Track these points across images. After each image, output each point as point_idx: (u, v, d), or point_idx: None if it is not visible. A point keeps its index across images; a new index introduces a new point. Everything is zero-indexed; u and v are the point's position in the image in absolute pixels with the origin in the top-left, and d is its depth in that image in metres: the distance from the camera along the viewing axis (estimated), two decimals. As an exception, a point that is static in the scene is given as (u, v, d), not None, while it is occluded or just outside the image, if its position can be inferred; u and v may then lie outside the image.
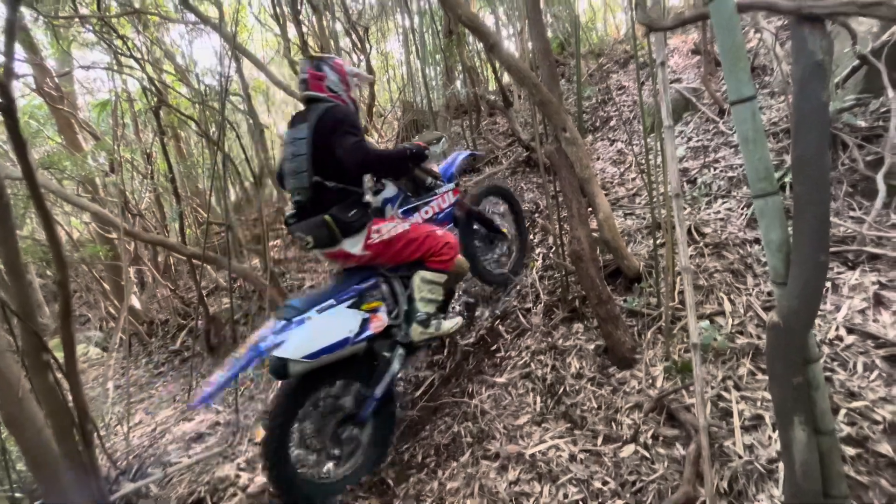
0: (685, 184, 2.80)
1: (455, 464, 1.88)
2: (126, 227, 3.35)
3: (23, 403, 1.47)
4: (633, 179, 3.16)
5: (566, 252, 2.41)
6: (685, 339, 1.94)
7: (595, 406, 1.88)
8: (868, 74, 2.51)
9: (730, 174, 2.72)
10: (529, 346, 2.32)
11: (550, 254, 2.86)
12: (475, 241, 2.66)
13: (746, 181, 1.84)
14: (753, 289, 2.04)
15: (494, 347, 2.44)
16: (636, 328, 2.12)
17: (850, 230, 2.05)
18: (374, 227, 1.98)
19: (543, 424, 1.91)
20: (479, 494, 1.68)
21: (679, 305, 2.07)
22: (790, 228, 1.01)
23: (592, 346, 2.13)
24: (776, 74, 3.19)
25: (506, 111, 4.47)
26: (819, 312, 1.81)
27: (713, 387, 1.72)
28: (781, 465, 1.38)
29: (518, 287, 2.78)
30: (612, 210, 2.78)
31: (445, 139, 2.69)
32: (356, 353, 1.91)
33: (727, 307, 1.99)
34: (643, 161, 2.57)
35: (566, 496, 1.56)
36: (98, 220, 4.06)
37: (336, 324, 1.82)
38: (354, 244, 1.93)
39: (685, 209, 2.54)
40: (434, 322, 2.07)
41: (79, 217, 6.32)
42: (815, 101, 0.94)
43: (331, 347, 1.76)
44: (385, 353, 2.04)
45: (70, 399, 1.51)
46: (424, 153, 2.14)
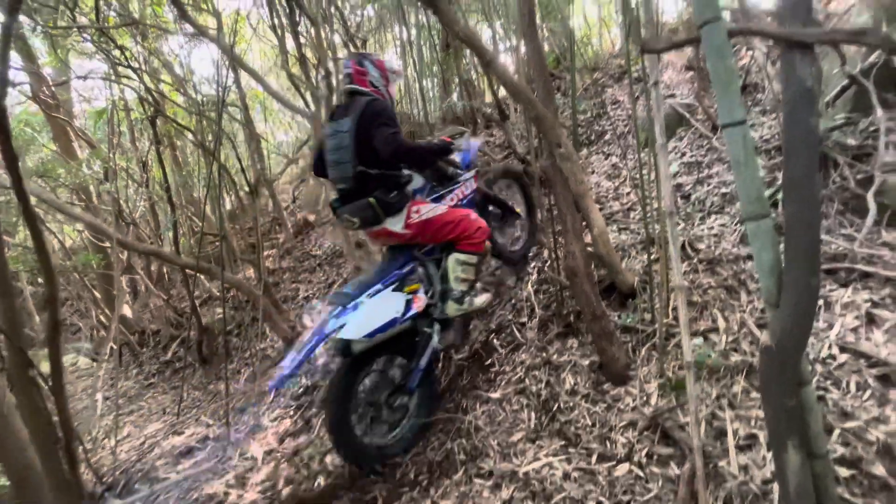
0: (679, 199, 2.82)
1: (448, 482, 1.85)
2: (119, 238, 3.32)
3: (7, 419, 1.44)
4: (628, 194, 3.18)
5: (561, 267, 2.42)
6: (679, 357, 1.94)
7: (589, 423, 1.87)
8: (857, 94, 2.55)
9: (723, 190, 2.74)
10: (524, 361, 2.31)
11: (546, 267, 2.86)
12: (490, 222, 2.71)
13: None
14: (747, 305, 2.04)
15: (489, 362, 2.42)
16: (630, 344, 2.12)
17: (842, 248, 2.06)
18: (414, 208, 2.17)
19: (537, 442, 1.89)
20: (472, 514, 1.66)
21: (673, 322, 2.07)
22: (782, 250, 1.02)
23: (587, 362, 2.12)
24: (767, 93, 3.24)
25: (502, 124, 4.50)
26: (812, 330, 1.81)
27: (707, 405, 1.71)
28: (776, 487, 1.37)
29: (513, 300, 2.77)
30: (607, 225, 2.79)
31: (468, 134, 2.92)
32: (402, 331, 2.12)
33: (721, 324, 1.99)
34: (637, 176, 2.60)
35: (560, 517, 1.54)
36: (91, 229, 4.04)
37: (385, 306, 2.03)
38: (396, 223, 2.12)
39: (679, 225, 2.55)
40: (467, 299, 2.26)
41: (72, 224, 6.28)
42: (805, 126, 0.95)
43: (384, 327, 1.98)
44: (425, 329, 2.23)
45: (56, 416, 1.48)
46: (450, 147, 2.34)
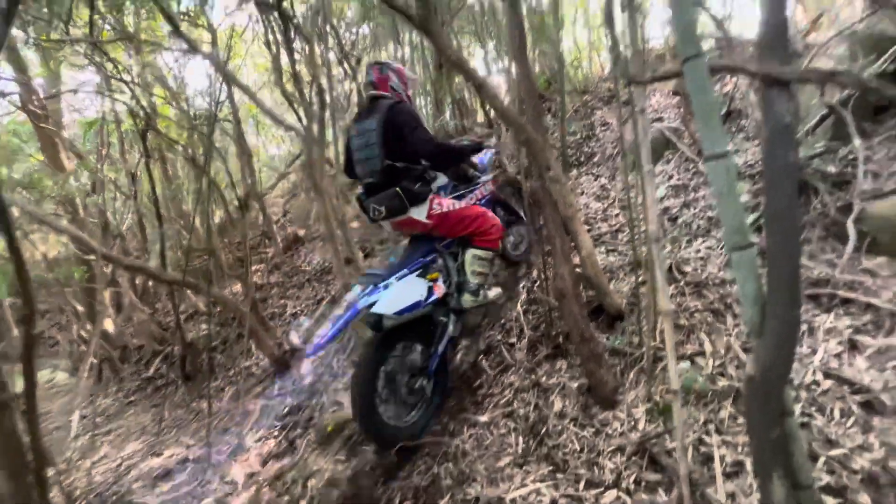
0: (667, 221, 2.86)
1: (434, 508, 1.81)
2: (103, 252, 3.27)
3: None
4: (616, 216, 3.22)
5: (550, 288, 2.42)
6: (667, 381, 1.94)
7: (577, 448, 1.85)
8: (836, 123, 2.63)
9: (709, 213, 2.79)
10: (513, 383, 2.30)
11: (535, 287, 2.87)
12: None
13: (724, 224, 1.90)
14: (733, 329, 2.06)
15: (477, 384, 2.40)
16: (619, 367, 2.12)
17: (824, 273, 2.10)
18: (436, 201, 2.36)
19: (525, 467, 1.86)
20: (458, 543, 1.62)
21: (661, 345, 2.07)
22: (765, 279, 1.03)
23: (576, 385, 2.11)
24: (751, 119, 3.33)
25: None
26: (796, 356, 1.83)
27: (694, 430, 1.71)
28: (763, 516, 1.37)
29: (503, 321, 2.77)
30: (595, 246, 2.81)
31: (495, 137, 3.26)
32: (424, 315, 2.28)
33: (708, 347, 2.01)
34: (625, 198, 2.65)
35: (547, 546, 1.51)
36: (75, 242, 3.97)
37: (411, 288, 2.21)
38: (420, 212, 2.30)
39: (666, 247, 2.58)
40: (482, 292, 2.43)
41: (57, 236, 6.17)
42: (784, 161, 0.98)
43: (410, 307, 2.16)
44: (442, 318, 2.41)
45: (27, 438, 1.42)
46: (482, 146, 2.65)
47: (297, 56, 4.83)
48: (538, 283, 2.75)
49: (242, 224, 4.48)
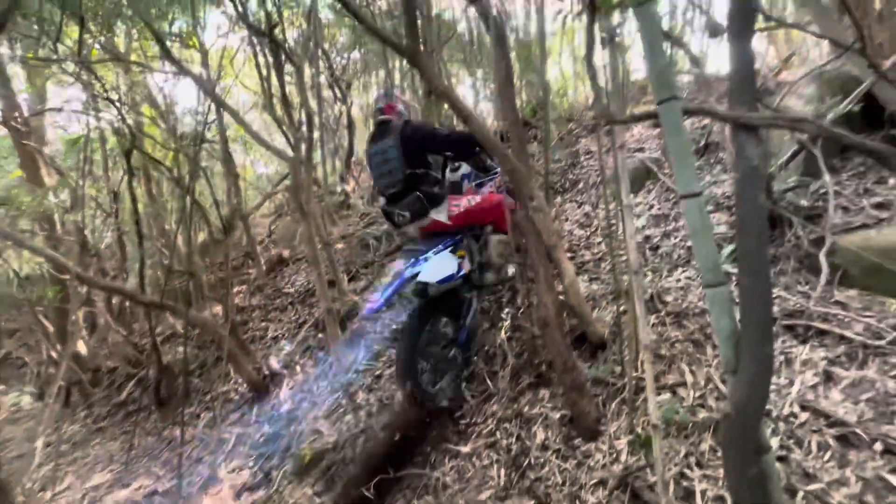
0: (648, 251, 2.91)
1: (412, 546, 1.76)
2: (78, 272, 3.18)
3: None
4: (599, 243, 3.27)
5: (533, 316, 2.43)
6: (649, 412, 1.94)
7: (559, 482, 1.82)
8: (807, 158, 2.74)
9: (688, 243, 2.85)
10: (495, 413, 2.27)
11: (519, 314, 2.87)
12: None
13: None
14: (713, 360, 2.08)
15: (459, 413, 2.36)
16: (601, 397, 2.11)
17: (799, 305, 2.14)
18: (454, 202, 2.62)
19: (507, 500, 1.83)
20: (436, 584, 1.56)
21: (643, 376, 2.08)
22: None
23: (558, 416, 2.10)
24: (728, 152, 3.45)
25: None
26: (774, 387, 1.85)
27: (676, 464, 1.70)
28: (744, 554, 1.35)
29: (486, 348, 2.75)
30: (578, 274, 2.84)
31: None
32: (452, 291, 2.54)
33: (688, 378, 2.02)
34: (607, 228, 2.70)
35: (527, 587, 1.47)
36: (50, 261, 3.86)
37: (446, 262, 2.46)
38: (440, 213, 2.57)
39: (647, 276, 2.62)
40: (502, 270, 2.79)
41: (31, 253, 5.99)
42: (753, 203, 1.01)
43: (447, 278, 2.42)
44: (466, 295, 2.66)
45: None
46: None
47: (288, 78, 4.90)
48: (522, 311, 2.75)
49: (225, 244, 4.42)
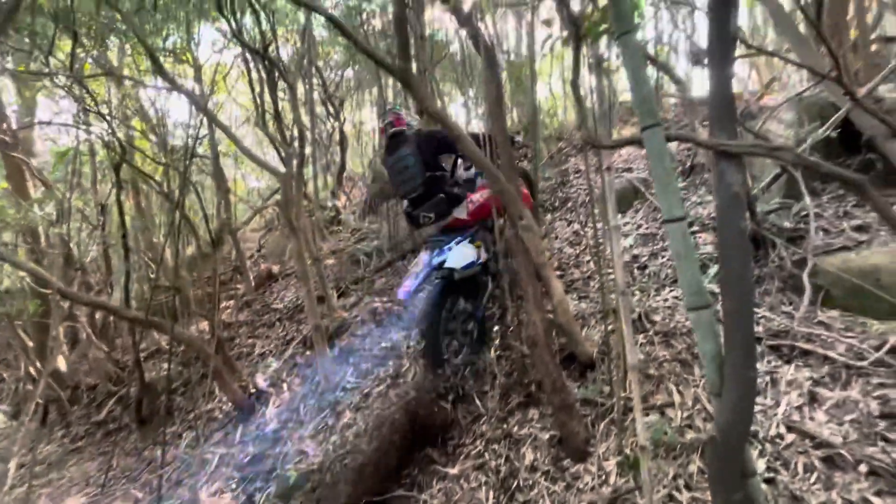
0: (636, 270, 2.94)
1: (398, 573, 1.71)
2: (60, 287, 3.12)
3: None
4: (588, 262, 3.29)
5: (522, 336, 2.43)
6: (637, 433, 1.93)
7: (548, 504, 1.80)
8: (789, 181, 2.82)
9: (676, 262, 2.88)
10: (484, 433, 2.24)
11: (509, 332, 2.87)
12: None
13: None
14: (700, 379, 2.09)
15: (448, 434, 2.33)
16: (590, 417, 2.10)
17: (783, 325, 2.17)
18: (469, 199, 2.90)
19: (495, 525, 1.79)
20: None
21: (631, 396, 2.07)
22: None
23: (547, 436, 2.08)
24: (713, 173, 3.53)
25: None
26: (761, 408, 1.86)
27: (665, 485, 1.69)
28: (733, 580, 1.34)
29: (476, 367, 2.73)
30: (567, 293, 2.86)
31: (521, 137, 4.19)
32: (473, 274, 2.78)
33: (676, 398, 2.02)
34: (595, 247, 2.74)
35: None
36: (32, 275, 3.79)
37: (467, 251, 2.74)
38: (461, 211, 2.86)
39: (635, 296, 2.64)
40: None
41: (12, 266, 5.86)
42: (735, 228, 1.04)
43: (470, 265, 2.71)
44: (483, 279, 2.89)
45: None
46: (513, 140, 3.17)
47: (281, 95, 4.94)
48: (511, 329, 2.75)
49: (213, 259, 4.37)
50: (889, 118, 2.57)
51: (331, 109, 6.69)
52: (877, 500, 1.44)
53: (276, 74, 4.14)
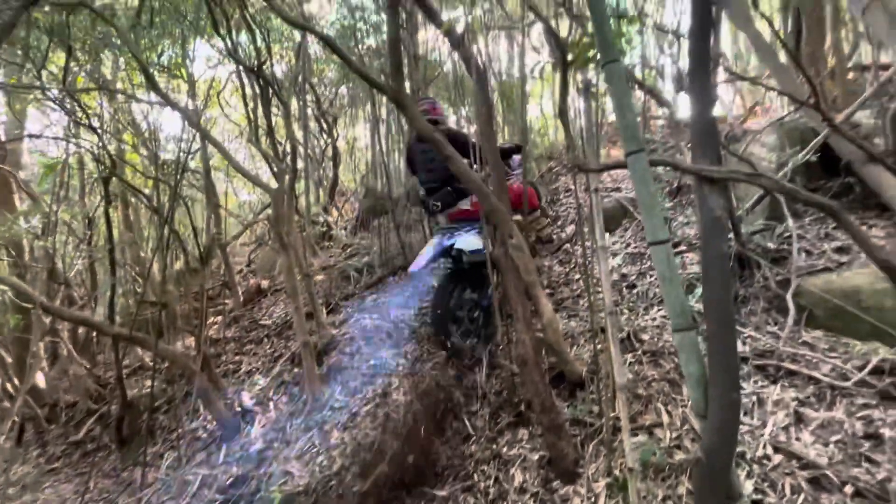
0: (624, 288, 2.96)
1: None
2: (43, 302, 3.05)
3: None
4: (578, 280, 3.32)
5: (512, 355, 2.42)
6: (625, 454, 1.92)
7: (537, 528, 1.77)
8: (772, 203, 2.89)
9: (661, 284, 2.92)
10: (473, 454, 2.22)
11: (499, 351, 2.86)
12: None
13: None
14: (689, 399, 2.09)
15: (437, 454, 2.30)
16: (580, 437, 2.09)
17: (769, 345, 2.20)
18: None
19: (483, 549, 1.76)
20: None
21: (620, 416, 2.08)
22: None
23: (536, 457, 2.06)
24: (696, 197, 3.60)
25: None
26: (748, 428, 1.87)
27: (654, 508, 1.68)
28: None
29: (466, 386, 2.71)
30: (557, 311, 2.87)
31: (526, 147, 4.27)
32: (479, 265, 2.85)
33: (665, 418, 2.02)
34: (584, 266, 2.77)
35: None
36: (14, 289, 3.70)
37: (474, 239, 2.89)
38: (465, 203, 3.11)
39: (624, 315, 2.66)
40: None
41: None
42: (717, 252, 1.06)
43: (478, 250, 2.79)
44: (486, 272, 2.88)
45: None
46: (521, 149, 3.47)
47: (274, 110, 4.97)
48: (501, 348, 2.75)
49: (202, 274, 4.32)
50: (866, 143, 2.67)
51: (324, 126, 6.73)
52: (863, 523, 1.44)
53: (270, 91, 4.17)
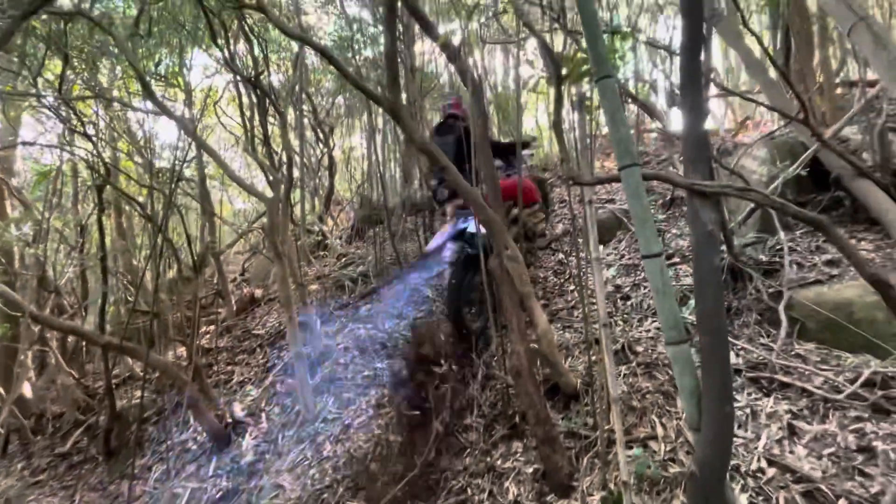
0: (618, 300, 2.97)
1: None
2: (32, 311, 3.01)
3: None
4: (573, 291, 3.33)
5: (506, 366, 2.41)
6: (620, 467, 1.91)
7: (531, 543, 1.75)
8: (763, 215, 2.92)
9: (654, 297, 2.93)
10: (467, 467, 2.20)
11: (493, 361, 2.85)
12: None
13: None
14: (683, 412, 2.09)
15: (430, 467, 2.28)
16: (574, 450, 2.08)
17: (762, 357, 2.21)
18: None
19: (477, 565, 1.73)
20: None
21: (615, 428, 2.07)
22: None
23: (531, 470, 2.05)
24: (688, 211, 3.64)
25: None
26: (742, 441, 1.87)
27: (649, 522, 1.66)
28: None
29: (460, 397, 2.69)
30: (552, 322, 2.87)
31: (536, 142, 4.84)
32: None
33: (659, 431, 2.02)
34: (579, 277, 2.78)
35: None
36: (3, 297, 3.65)
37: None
38: None
39: (618, 326, 2.67)
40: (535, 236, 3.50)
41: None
42: (709, 265, 1.07)
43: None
44: None
45: None
46: (529, 144, 3.69)
47: (271, 120, 4.99)
48: (496, 359, 2.74)
49: (195, 283, 4.29)
50: (854, 158, 2.72)
51: (320, 135, 6.76)
52: (857, 537, 1.44)
53: (267, 101, 4.20)
